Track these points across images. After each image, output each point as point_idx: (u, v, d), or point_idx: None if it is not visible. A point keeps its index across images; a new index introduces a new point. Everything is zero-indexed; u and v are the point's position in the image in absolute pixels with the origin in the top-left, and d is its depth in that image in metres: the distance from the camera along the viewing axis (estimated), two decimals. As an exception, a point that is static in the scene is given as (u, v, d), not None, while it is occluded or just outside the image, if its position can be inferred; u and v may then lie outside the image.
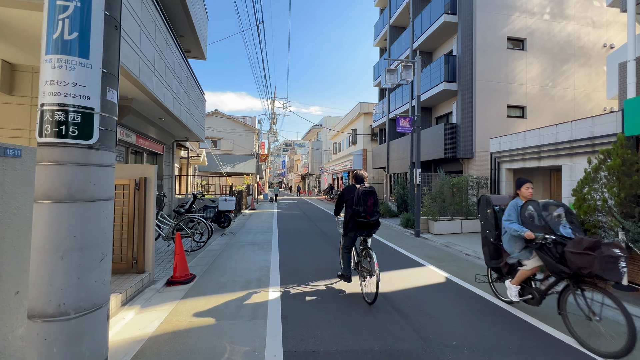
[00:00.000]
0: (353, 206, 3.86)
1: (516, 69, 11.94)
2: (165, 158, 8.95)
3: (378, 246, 7.41)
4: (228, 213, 9.30)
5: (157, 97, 5.02)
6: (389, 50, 17.50)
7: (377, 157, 19.42)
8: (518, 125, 11.89)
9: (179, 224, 5.87)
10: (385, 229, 10.34)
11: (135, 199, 4.01)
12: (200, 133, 9.41)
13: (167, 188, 9.21)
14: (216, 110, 25.35)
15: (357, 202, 3.84)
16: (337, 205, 4.24)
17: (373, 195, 3.96)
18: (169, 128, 7.92)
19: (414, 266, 5.66)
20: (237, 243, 7.33)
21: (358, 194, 3.88)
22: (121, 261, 3.97)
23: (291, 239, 7.99)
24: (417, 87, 9.28)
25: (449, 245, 7.79)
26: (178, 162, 16.23)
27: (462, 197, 9.86)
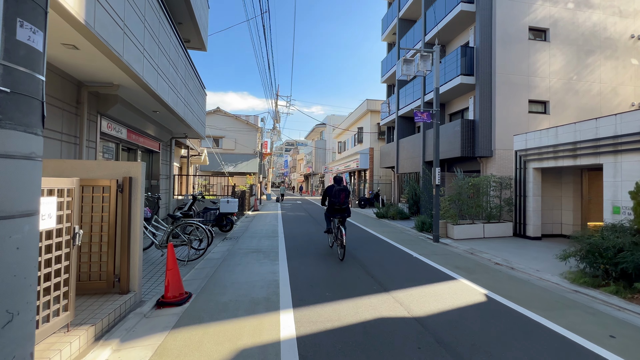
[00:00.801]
0: (332, 198, 6.02)
1: (538, 62, 11.14)
2: (162, 156, 8.25)
3: (395, 253, 6.67)
4: (230, 216, 8.59)
5: (148, 84, 4.31)
6: (398, 44, 16.73)
7: (385, 156, 18.65)
8: (540, 121, 11.09)
9: (174, 230, 5.16)
10: (399, 233, 9.60)
11: (117, 203, 3.30)
12: (200, 129, 8.71)
13: (164, 189, 8.52)
14: (218, 108, 24.67)
15: (334, 196, 6.00)
16: (322, 198, 6.41)
17: (344, 191, 6.06)
18: (165, 123, 7.21)
19: (443, 279, 4.91)
20: (240, 250, 6.61)
21: (335, 191, 6.02)
22: (100, 279, 3.25)
23: (299, 245, 7.26)
24: (436, 79, 8.53)
25: (473, 253, 7.03)
26: (178, 161, 15.56)
27: (482, 199, 9.09)
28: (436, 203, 8.39)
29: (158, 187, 7.91)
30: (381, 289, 4.33)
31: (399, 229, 10.55)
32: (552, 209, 8.86)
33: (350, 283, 4.57)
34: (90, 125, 4.57)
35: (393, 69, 17.34)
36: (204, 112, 9.11)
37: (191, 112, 7.33)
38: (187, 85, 6.79)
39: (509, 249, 7.36)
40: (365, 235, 8.99)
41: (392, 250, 7.03)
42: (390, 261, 5.98)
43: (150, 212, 5.62)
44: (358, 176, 24.14)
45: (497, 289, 4.53)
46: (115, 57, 3.44)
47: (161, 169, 8.21)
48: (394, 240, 8.30)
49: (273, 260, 5.74)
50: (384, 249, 7.14)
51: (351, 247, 7.19)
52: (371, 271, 5.23)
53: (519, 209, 8.74)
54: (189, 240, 5.26)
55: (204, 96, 9.22)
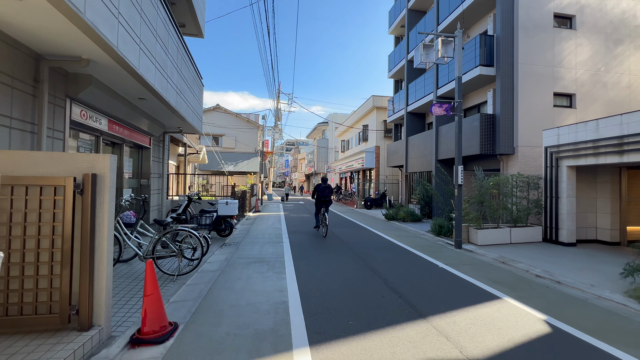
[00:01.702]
0: (319, 193, 8.35)
1: (564, 51, 10.28)
2: (153, 152, 7.41)
3: (418, 263, 5.81)
4: (229, 219, 7.74)
5: (126, 59, 3.47)
6: (407, 36, 15.87)
7: (392, 155, 17.80)
8: (566, 116, 10.23)
9: (162, 239, 4.31)
10: (414, 238, 8.74)
11: (74, 208, 2.45)
12: (196, 123, 7.87)
13: (156, 189, 7.67)
14: (218, 105, 23.84)
15: (321, 191, 8.34)
16: (313, 193, 8.57)
17: (328, 188, 8.41)
18: (155, 114, 6.37)
19: (485, 299, 4.06)
20: (240, 259, 5.76)
21: (321, 188, 8.38)
22: (50, 312, 2.41)
23: (307, 253, 6.42)
24: (458, 67, 7.67)
25: (506, 262, 6.18)
26: (175, 159, 14.72)
27: (508, 200, 8.23)
28: (458, 205, 7.54)
29: (149, 187, 7.07)
30: (415, 314, 3.48)
31: (413, 233, 9.70)
32: (586, 212, 8.00)
33: (374, 304, 3.72)
34: (57, 111, 3.73)
35: (401, 62, 16.50)
36: (200, 104, 8.27)
37: (185, 102, 6.49)
38: (180, 71, 5.95)
39: (545, 258, 6.51)
40: (378, 241, 8.14)
41: (413, 259, 6.18)
42: (415, 274, 5.13)
43: (134, 217, 4.79)
44: (363, 176, 23.29)
45: (555, 312, 3.68)
46: (76, 16, 2.59)
47: (152, 167, 7.37)
48: (411, 247, 7.45)
49: (279, 273, 4.89)
50: (404, 258, 6.29)
51: (367, 255, 6.35)
52: (396, 287, 4.38)
53: (549, 212, 7.88)
54: (179, 250, 4.41)
55: (201, 87, 8.38)
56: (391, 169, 19.87)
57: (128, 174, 6.48)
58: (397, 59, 17.15)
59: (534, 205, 8.09)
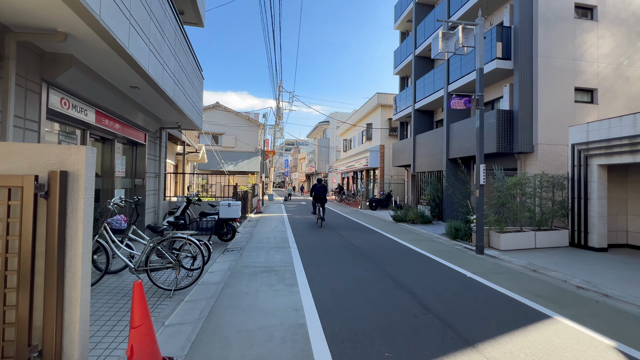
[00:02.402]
0: (316, 192, 10.49)
1: (585, 44, 9.72)
2: (149, 150, 6.80)
3: (442, 272, 5.22)
4: (232, 222, 7.14)
5: (112, 34, 2.87)
6: (414, 31, 15.29)
7: (398, 154, 17.22)
8: (588, 112, 9.68)
9: (157, 248, 3.71)
10: (429, 242, 8.15)
11: (36, 216, 1.85)
12: (196, 118, 7.27)
13: (152, 189, 7.06)
14: (217, 103, 23.21)
15: (317, 191, 10.49)
16: (310, 192, 11.13)
17: (323, 188, 10.63)
18: (151, 107, 5.76)
19: (533, 318, 3.48)
20: (245, 269, 5.16)
21: (317, 187, 10.55)
22: (2, 357, 1.80)
23: (318, 260, 5.82)
24: (480, 57, 7.08)
25: (537, 270, 5.61)
26: (173, 158, 14.10)
27: (531, 202, 7.65)
28: (480, 207, 6.96)
29: (144, 187, 6.46)
30: (461, 341, 2.90)
31: (427, 236, 9.11)
32: (616, 214, 7.43)
33: (408, 327, 3.14)
34: (29, 97, 3.13)
35: (408, 58, 15.92)
36: (200, 98, 7.66)
37: (184, 94, 5.89)
38: (178, 59, 5.34)
39: (578, 265, 5.94)
40: (392, 245, 7.55)
41: (436, 267, 5.59)
42: (443, 285, 4.55)
43: (125, 222, 4.18)
44: (366, 175, 22.71)
45: (623, 336, 3.10)
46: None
47: (148, 166, 6.76)
48: (429, 252, 6.87)
49: (291, 286, 4.30)
50: (425, 265, 5.70)
51: (384, 262, 5.76)
52: (427, 303, 3.79)
53: (577, 214, 7.31)
54: (177, 260, 3.81)
55: (201, 80, 7.77)
56: (396, 169, 19.30)
57: (120, 173, 5.88)
58: (404, 55, 16.57)
59: (559, 207, 7.52)
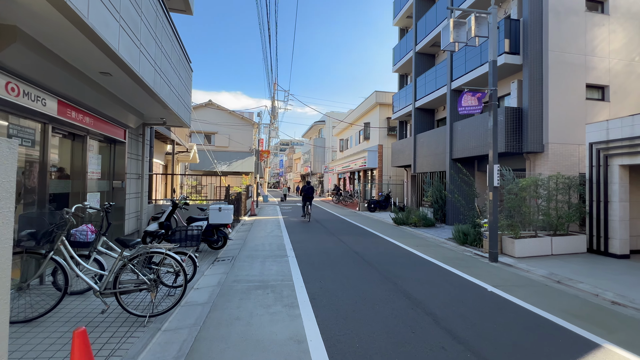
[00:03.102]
0: (304, 192, 12.35)
1: (596, 38, 9.28)
2: (130, 148, 6.11)
3: (459, 285, 4.64)
4: (223, 228, 6.49)
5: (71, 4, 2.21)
6: (415, 27, 14.77)
7: (397, 154, 16.69)
8: (599, 110, 9.24)
9: (129, 265, 3.05)
10: (436, 247, 7.58)
11: None
12: (184, 114, 6.59)
13: (134, 192, 6.37)
14: (210, 101, 22.44)
15: (306, 191, 12.38)
16: (300, 192, 16.20)
17: (311, 189, 12.59)
18: (129, 98, 5.08)
19: (580, 348, 2.92)
20: (237, 284, 4.51)
21: (306, 188, 12.47)
22: None
23: (320, 272, 5.20)
24: (493, 48, 6.53)
25: (561, 282, 5.08)
26: (163, 158, 13.34)
27: (546, 205, 7.14)
28: (494, 210, 6.41)
29: (123, 190, 5.76)
30: None
31: (432, 241, 8.55)
32: (637, 218, 6.96)
33: None
34: (-42, 77, 2.47)
35: (408, 54, 15.40)
36: (188, 92, 6.99)
37: (168, 85, 5.22)
38: (159, 43, 4.68)
39: (605, 275, 5.42)
40: (398, 252, 6.96)
41: (450, 279, 5.01)
42: (464, 303, 3.96)
43: (93, 232, 3.50)
44: (364, 176, 22.16)
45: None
46: None
47: (129, 166, 6.06)
48: (438, 260, 6.30)
49: (290, 307, 3.67)
50: (438, 277, 5.12)
51: (393, 274, 5.16)
52: (453, 328, 3.20)
53: (596, 218, 6.82)
54: (153, 280, 3.15)
55: (189, 72, 7.10)
56: (395, 169, 18.78)
57: (95, 174, 5.18)
58: (404, 52, 16.05)
59: (576, 210, 7.02)
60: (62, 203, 4.36)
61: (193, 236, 4.63)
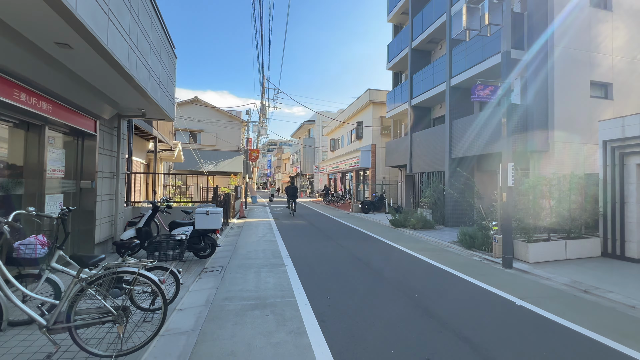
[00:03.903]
0: (289, 192, 15.19)
1: (600, 35, 9.04)
2: (102, 143, 5.29)
3: (479, 297, 4.10)
4: (211, 234, 5.75)
5: None
6: (411, 22, 14.35)
7: (391, 154, 16.24)
8: (604, 108, 8.99)
9: (87, 291, 2.32)
10: (441, 252, 7.06)
11: None
12: (166, 105, 5.82)
13: (107, 193, 5.54)
14: (196, 97, 21.41)
15: (290, 190, 15.16)
16: (285, 191, 16.74)
17: (295, 189, 15.23)
18: (99, 81, 4.30)
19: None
20: (229, 303, 3.80)
21: (290, 188, 15.21)
22: None
23: (324, 284, 4.55)
24: (507, 38, 6.06)
25: (587, 290, 4.62)
26: (145, 157, 12.37)
27: (562, 206, 6.74)
28: (509, 212, 5.93)
29: (94, 191, 4.94)
30: None
31: (436, 245, 8.04)
32: (652, 220, 6.64)
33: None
34: None
35: (404, 51, 14.96)
36: (171, 80, 6.21)
37: (147, 68, 4.46)
38: (135, 16, 3.93)
39: (631, 282, 5.00)
40: (404, 259, 6.39)
41: (472, 292, 4.46)
42: (499, 323, 3.41)
43: (45, 246, 2.74)
44: (356, 176, 21.64)
45: None
46: None
47: (101, 163, 5.24)
48: (449, 266, 5.78)
49: (297, 334, 3.01)
50: (458, 289, 4.57)
51: (407, 286, 4.57)
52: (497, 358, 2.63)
53: (611, 220, 6.46)
54: (122, 310, 2.42)
55: (173, 58, 6.32)
56: (389, 169, 18.33)
57: (57, 173, 4.36)
58: (398, 49, 15.62)
59: (591, 212, 6.65)
60: (13, 207, 3.54)
61: (175, 246, 3.86)
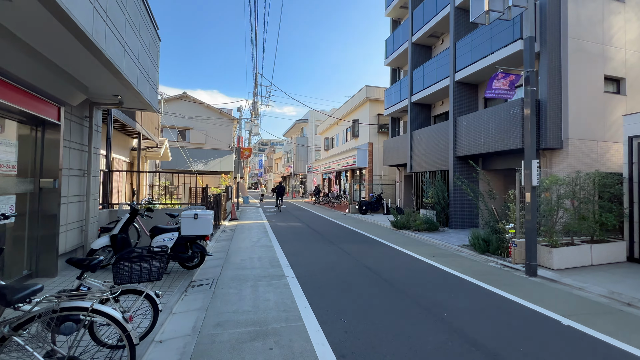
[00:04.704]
0: (278, 190, 17.21)
1: (613, 27, 8.62)
2: (69, 134, 4.47)
3: (518, 315, 3.48)
4: (200, 240, 4.99)
5: None
6: (411, 16, 13.79)
7: (390, 152, 15.66)
8: (616, 104, 8.57)
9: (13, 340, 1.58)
10: (453, 258, 6.46)
11: None
12: (147, 92, 5.03)
13: (77, 194, 4.72)
14: (185, 93, 20.40)
15: (278, 189, 17.23)
16: (273, 191, 18.62)
17: (283, 188, 17.40)
18: (58, 55, 3.50)
19: None
20: (222, 333, 3.07)
21: (279, 188, 17.27)
22: None
23: (335, 302, 3.85)
24: (530, 23, 5.49)
25: (631, 303, 4.09)
26: (127, 154, 11.44)
27: (587, 207, 6.22)
28: (533, 216, 5.36)
29: (57, 192, 4.12)
30: None
31: (445, 249, 7.44)
32: (679, 222, 6.19)
33: None
34: None
35: (404, 46, 14.40)
36: (153, 63, 5.41)
37: (121, 42, 3.68)
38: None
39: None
40: (416, 266, 5.75)
41: (504, 306, 3.84)
42: (554, 350, 2.78)
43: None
44: (352, 176, 21.02)
45: None
46: None
47: (67, 159, 4.42)
48: (467, 275, 5.17)
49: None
50: (485, 302, 3.94)
51: (431, 301, 3.92)
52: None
53: (638, 223, 5.97)
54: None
55: (155, 39, 5.53)
56: (386, 169, 17.77)
57: (7, 169, 3.54)
58: (397, 43, 15.05)
59: (616, 213, 6.15)
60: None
61: (152, 263, 3.02)
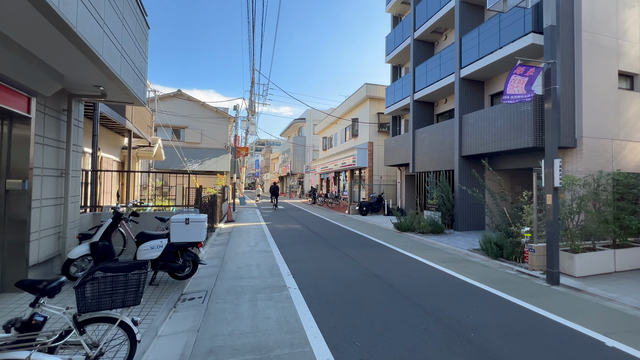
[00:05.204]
0: (273, 190, 18.34)
1: (627, 20, 8.27)
2: (41, 129, 3.95)
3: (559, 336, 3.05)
4: (192, 247, 4.51)
5: None
6: (413, 11, 13.38)
7: (391, 152, 15.24)
8: (630, 101, 8.22)
9: None
10: (465, 263, 6.02)
11: None
12: (134, 83, 4.53)
13: (52, 197, 4.21)
14: (179, 90, 19.83)
15: (273, 189, 18.37)
16: (269, 190, 21.18)
17: (277, 188, 18.52)
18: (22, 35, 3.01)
19: None
20: (215, 357, 2.60)
21: (273, 188, 18.41)
22: None
23: (346, 319, 3.39)
24: (551, 11, 5.08)
25: (672, 318, 3.65)
26: (117, 154, 10.89)
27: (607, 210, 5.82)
28: (555, 217, 4.94)
29: (26, 194, 3.61)
30: None
31: (454, 254, 7.01)
32: None
33: None
34: None
35: (406, 42, 13.99)
36: (141, 52, 4.92)
37: (100, 23, 3.20)
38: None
39: None
40: (429, 274, 5.31)
41: (533, 323, 3.40)
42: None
43: None
44: (351, 176, 20.58)
45: None
46: None
47: (39, 157, 3.91)
48: (483, 283, 4.76)
49: None
50: (509, 316, 3.50)
51: (451, 318, 3.47)
52: None
53: (664, 226, 5.58)
54: None
55: (143, 25, 5.03)
56: (386, 169, 17.36)
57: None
58: (399, 40, 14.63)
59: (639, 216, 5.76)
60: None
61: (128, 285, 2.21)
